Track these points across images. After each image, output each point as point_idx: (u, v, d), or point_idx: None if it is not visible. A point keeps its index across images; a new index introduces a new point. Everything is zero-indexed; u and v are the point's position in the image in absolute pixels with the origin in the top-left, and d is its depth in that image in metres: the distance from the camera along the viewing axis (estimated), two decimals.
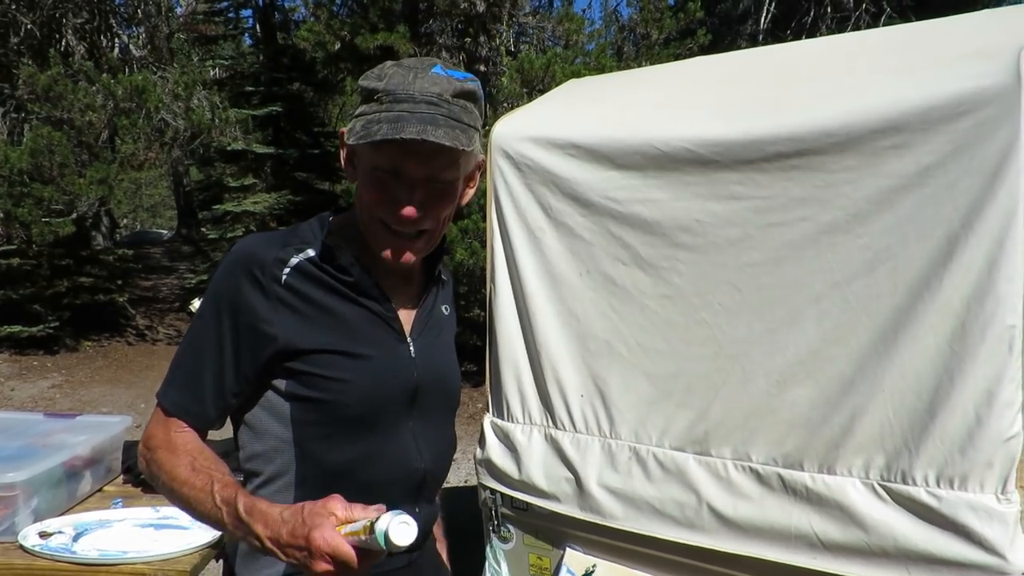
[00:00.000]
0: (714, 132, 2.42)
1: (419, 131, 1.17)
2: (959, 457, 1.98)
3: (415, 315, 1.38)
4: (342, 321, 1.28)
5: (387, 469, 1.28)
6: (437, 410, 1.38)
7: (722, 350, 2.42)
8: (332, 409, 1.26)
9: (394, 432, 1.30)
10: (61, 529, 2.11)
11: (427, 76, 1.23)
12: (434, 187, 1.27)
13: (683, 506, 2.42)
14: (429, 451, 1.35)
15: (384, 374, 1.29)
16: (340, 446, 1.26)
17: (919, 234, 2.07)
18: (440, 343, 1.42)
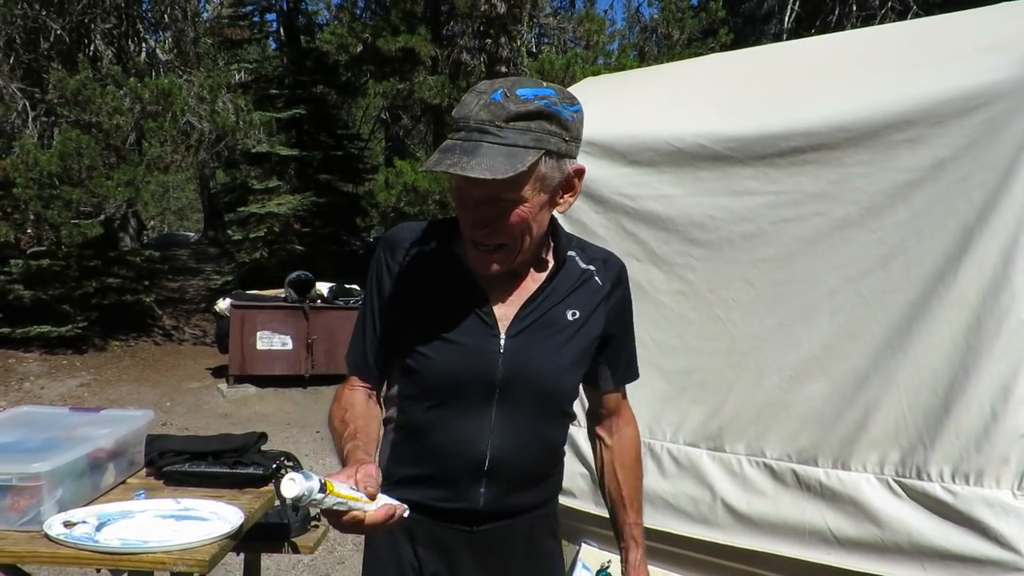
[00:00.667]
0: (728, 128, 2.42)
1: (451, 164, 1.24)
2: (975, 452, 1.96)
3: (517, 314, 1.44)
4: (442, 307, 1.43)
5: (453, 443, 1.42)
6: (525, 405, 1.43)
7: (736, 346, 2.42)
8: (417, 378, 1.44)
9: (470, 413, 1.42)
10: (85, 519, 2.15)
11: (486, 102, 1.28)
12: (498, 205, 1.32)
13: (697, 502, 2.42)
14: (502, 439, 1.42)
15: (466, 361, 1.41)
16: (422, 409, 1.44)
17: (933, 228, 2.06)
18: (548, 343, 1.45)
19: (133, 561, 1.99)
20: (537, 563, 1.56)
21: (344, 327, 8.64)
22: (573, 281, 1.50)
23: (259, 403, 8.05)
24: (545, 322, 1.45)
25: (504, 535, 1.49)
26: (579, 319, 1.48)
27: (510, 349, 1.41)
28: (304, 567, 4.04)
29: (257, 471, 2.54)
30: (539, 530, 1.55)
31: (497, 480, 1.43)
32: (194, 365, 9.87)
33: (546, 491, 1.56)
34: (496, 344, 1.41)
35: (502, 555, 1.50)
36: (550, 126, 1.30)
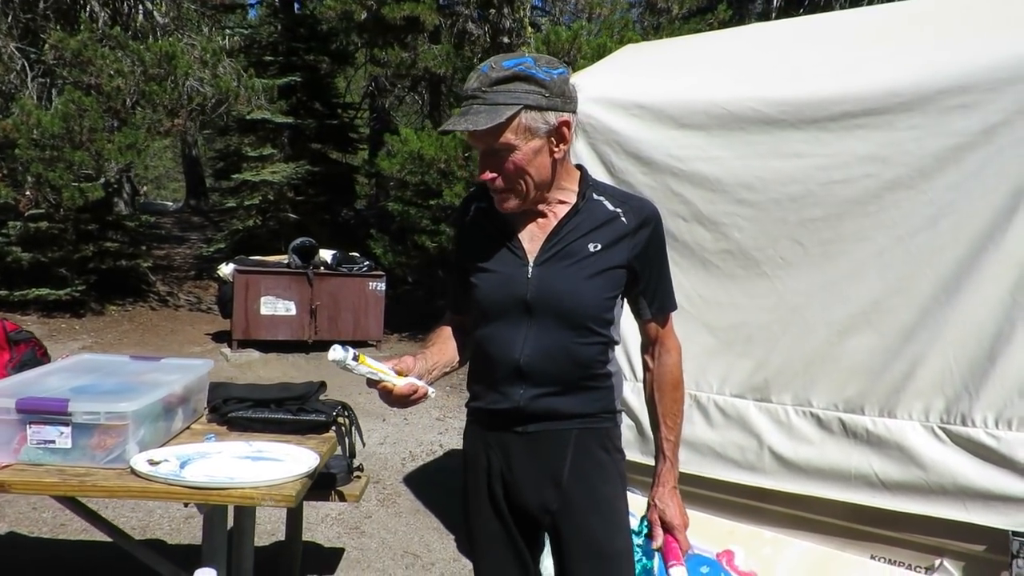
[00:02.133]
0: (780, 92, 2.52)
1: (453, 122, 1.63)
2: (1018, 400, 2.10)
3: (542, 246, 1.74)
4: (486, 247, 1.79)
5: (495, 351, 1.75)
6: (552, 321, 1.71)
7: (783, 302, 2.53)
8: (474, 303, 1.79)
9: (510, 329, 1.73)
10: (166, 458, 2.23)
11: (477, 75, 1.63)
12: (497, 155, 1.65)
13: (744, 450, 2.54)
14: (533, 348, 1.71)
15: (501, 286, 1.74)
16: (479, 329, 1.79)
17: (984, 189, 2.18)
18: (570, 270, 1.72)
19: (223, 496, 2.07)
20: (587, 469, 1.75)
21: (347, 294, 8.71)
22: (598, 221, 1.75)
23: (263, 367, 8.10)
24: (567, 252, 1.72)
25: (552, 438, 1.75)
26: (600, 250, 1.72)
27: (536, 275, 1.71)
28: (333, 520, 4.14)
29: (319, 418, 2.63)
30: (587, 439, 1.76)
31: (531, 382, 1.71)
32: (192, 330, 9.87)
33: (589, 404, 1.76)
34: (525, 272, 1.72)
35: (552, 457, 1.74)
36: (528, 86, 1.61)
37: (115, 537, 2.60)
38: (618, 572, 1.76)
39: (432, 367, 1.77)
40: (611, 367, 1.80)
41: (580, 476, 1.75)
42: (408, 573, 3.58)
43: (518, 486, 1.77)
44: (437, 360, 1.80)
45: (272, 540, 3.80)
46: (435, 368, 1.78)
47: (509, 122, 1.60)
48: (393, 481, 4.86)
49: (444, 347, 1.85)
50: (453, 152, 8.39)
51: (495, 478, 1.78)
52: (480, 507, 1.82)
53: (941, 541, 2.23)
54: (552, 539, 1.80)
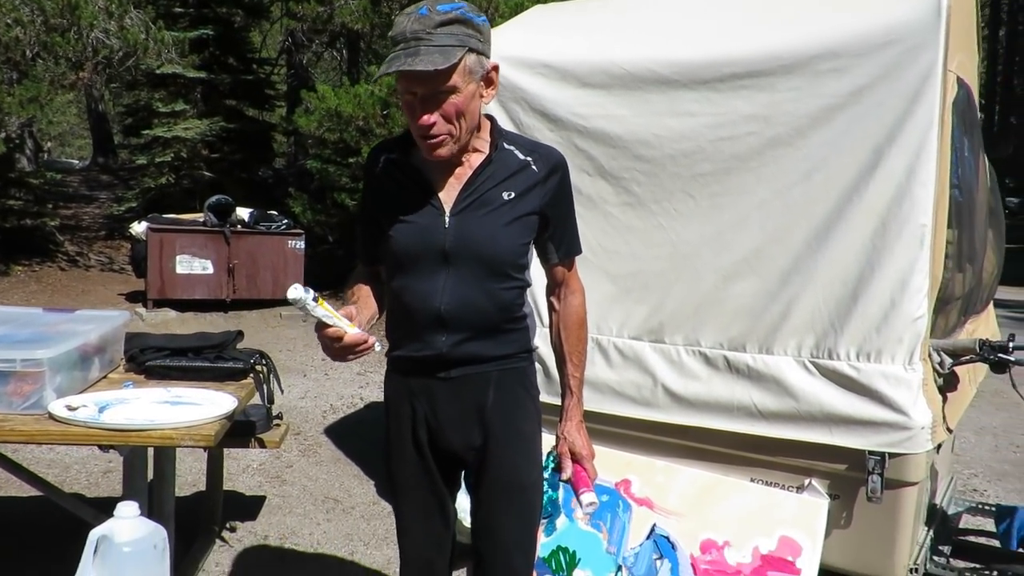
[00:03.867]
0: (676, 54, 2.69)
1: (401, 63, 1.59)
2: (875, 335, 2.35)
3: (457, 196, 1.78)
4: (401, 198, 1.80)
5: (414, 302, 1.78)
6: (472, 269, 1.76)
7: (676, 251, 2.73)
8: (390, 255, 1.81)
9: (427, 278, 1.76)
10: (84, 404, 2.29)
11: (416, 17, 1.62)
12: (437, 97, 1.65)
13: (640, 387, 2.75)
14: (452, 297, 1.75)
15: (417, 235, 1.77)
16: (396, 279, 1.82)
17: (850, 147, 2.40)
18: (485, 219, 1.77)
19: (142, 437, 2.16)
20: (508, 407, 1.85)
21: (266, 252, 8.65)
22: (511, 170, 1.81)
23: (180, 327, 8.01)
24: (482, 201, 1.77)
25: (474, 380, 1.81)
26: (513, 198, 1.80)
27: (453, 225, 1.75)
28: (254, 470, 4.23)
29: (237, 365, 2.72)
30: (507, 379, 1.86)
31: (452, 329, 1.77)
32: (104, 291, 9.66)
33: (508, 345, 1.85)
34: (442, 221, 1.76)
35: (473, 398, 1.82)
36: (468, 29, 1.65)
37: (35, 484, 2.64)
38: (531, 503, 1.89)
39: (368, 319, 1.81)
40: (526, 309, 1.89)
41: (502, 413, 1.84)
42: (329, 517, 3.72)
43: (443, 429, 1.83)
44: (367, 313, 1.83)
45: (194, 491, 3.87)
46: (369, 320, 1.82)
47: (460, 63, 1.63)
48: (314, 433, 4.96)
49: (368, 300, 1.87)
50: (371, 109, 8.37)
51: (419, 424, 1.84)
52: (403, 453, 1.87)
53: (810, 462, 2.49)
54: (472, 474, 1.89)
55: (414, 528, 1.92)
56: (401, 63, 1.58)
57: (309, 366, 6.66)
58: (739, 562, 2.49)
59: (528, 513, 1.90)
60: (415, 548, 1.93)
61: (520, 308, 1.87)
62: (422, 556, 1.92)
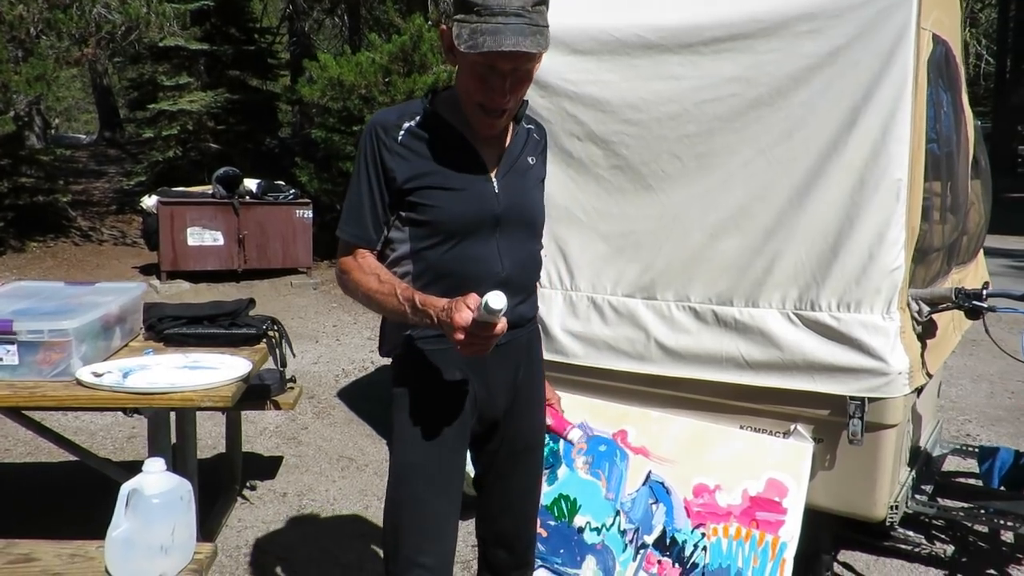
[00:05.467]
0: (661, 19, 2.77)
1: (514, 43, 1.53)
2: (855, 286, 2.47)
3: (500, 162, 1.79)
4: (439, 165, 1.72)
5: (476, 270, 1.73)
6: (518, 233, 1.80)
7: (665, 211, 2.83)
8: (432, 227, 1.73)
9: (483, 245, 1.75)
10: (109, 370, 2.45)
11: None
12: (517, 75, 1.64)
13: (634, 342, 2.88)
14: (510, 261, 1.78)
15: (471, 202, 1.73)
16: (443, 254, 1.73)
17: (829, 106, 2.49)
18: (524, 182, 1.83)
19: (165, 399, 2.31)
20: (534, 369, 1.96)
21: (274, 222, 8.79)
22: (525, 137, 1.91)
23: (194, 297, 8.20)
24: (519, 167, 1.84)
25: (515, 344, 1.83)
26: (536, 163, 1.92)
27: (502, 189, 1.77)
28: (271, 432, 4.41)
29: (251, 331, 2.87)
30: (534, 340, 1.96)
31: (511, 292, 1.66)
32: (119, 264, 9.84)
33: (535, 307, 1.95)
34: (491, 187, 1.76)
35: (514, 363, 1.85)
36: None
37: (66, 447, 2.82)
38: (540, 460, 2.02)
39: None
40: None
41: (529, 376, 1.91)
42: (344, 474, 3.89)
43: (492, 398, 1.83)
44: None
45: (214, 453, 4.06)
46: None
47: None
48: (327, 396, 5.14)
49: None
50: (373, 77, 8.43)
51: (469, 398, 1.79)
52: (439, 433, 1.77)
53: (795, 409, 2.61)
54: (486, 435, 1.89)
55: (440, 522, 1.80)
56: (512, 43, 1.52)
57: (321, 332, 6.83)
58: (729, 504, 2.64)
59: (537, 469, 2.02)
60: (442, 546, 1.81)
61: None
62: (444, 551, 1.82)
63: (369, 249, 1.79)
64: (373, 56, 8.61)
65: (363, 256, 1.78)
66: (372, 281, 1.73)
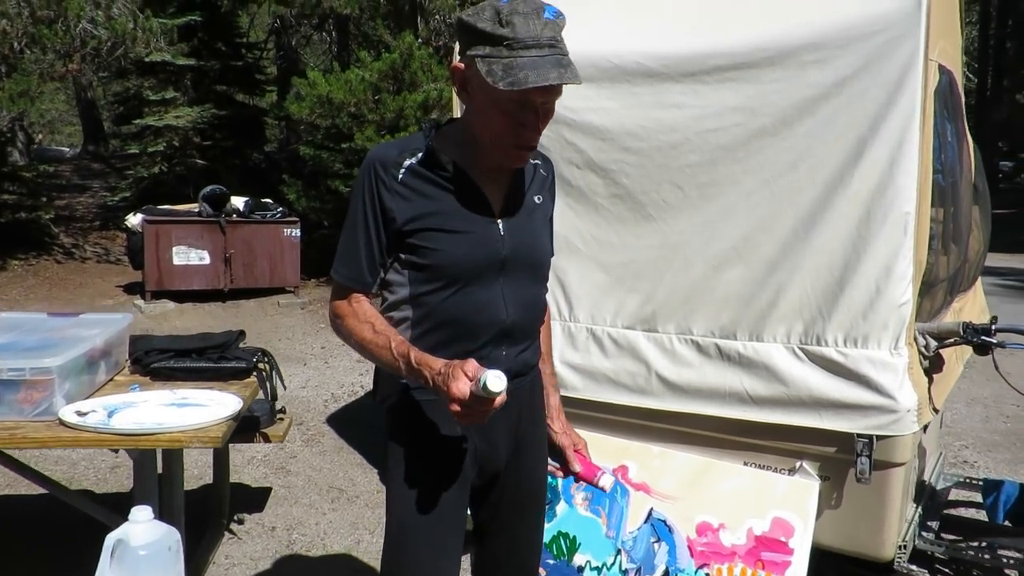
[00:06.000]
0: (662, 47, 2.72)
1: (558, 76, 1.45)
2: (862, 321, 2.41)
3: (504, 201, 1.70)
4: (442, 206, 1.63)
5: (479, 317, 1.65)
6: (524, 276, 1.71)
7: (666, 241, 2.78)
8: (433, 271, 1.63)
9: (487, 290, 1.65)
10: (94, 409, 2.35)
11: (542, 21, 1.49)
12: (546, 108, 1.57)
13: (635, 375, 2.81)
14: (514, 307, 1.68)
15: (476, 245, 1.64)
16: (444, 297, 1.64)
17: (835, 136, 2.45)
18: (531, 223, 1.74)
19: (151, 440, 2.22)
20: (535, 417, 1.87)
21: (262, 241, 8.69)
22: (531, 174, 1.82)
23: (179, 318, 8.08)
24: (525, 207, 1.75)
25: (517, 393, 1.69)
26: (541, 203, 1.82)
27: (507, 231, 1.68)
28: (259, 462, 4.31)
29: (240, 364, 2.78)
30: (535, 386, 1.87)
31: (514, 340, 1.70)
32: (102, 283, 9.69)
33: (538, 352, 1.87)
34: (496, 228, 1.67)
35: (516, 411, 1.74)
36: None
37: (46, 486, 2.71)
38: (543, 503, 1.92)
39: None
40: None
41: (531, 423, 1.82)
42: (334, 506, 3.80)
43: (492, 452, 1.74)
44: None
45: (201, 483, 3.95)
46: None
47: None
48: (316, 422, 5.04)
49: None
50: (363, 95, 8.37)
51: (471, 455, 1.70)
52: (448, 495, 1.68)
53: (801, 446, 2.55)
54: (487, 487, 1.80)
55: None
56: (556, 75, 1.44)
57: (309, 355, 6.73)
58: (734, 543, 2.57)
59: (540, 517, 1.93)
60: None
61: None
62: None
63: (364, 293, 1.71)
64: (363, 74, 8.55)
65: (358, 301, 1.69)
66: (366, 331, 1.65)
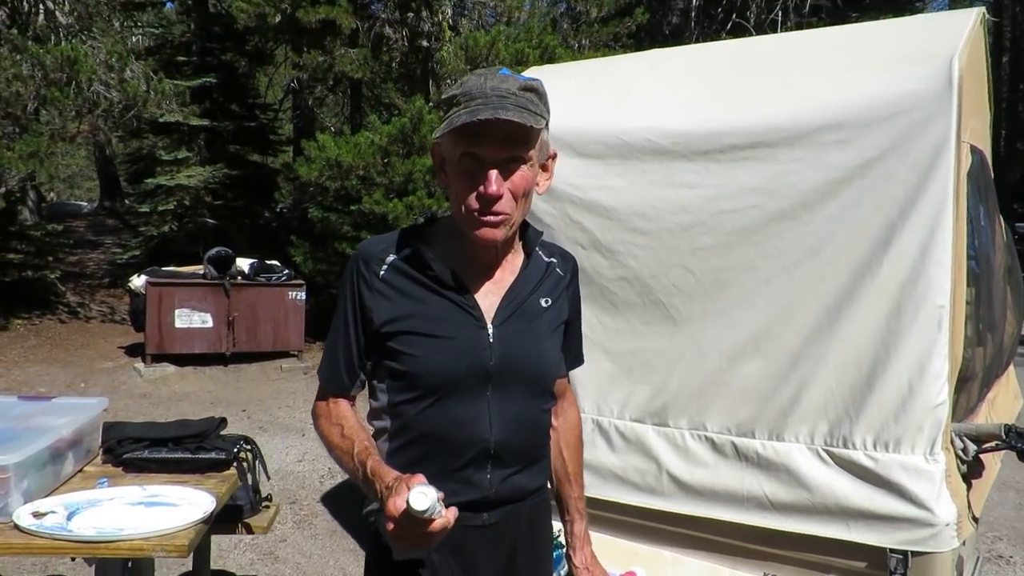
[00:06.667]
0: (673, 124, 2.58)
1: (492, 112, 1.34)
2: (893, 423, 2.20)
3: (499, 304, 1.52)
4: (425, 307, 1.49)
5: (459, 434, 1.47)
6: (516, 390, 1.52)
7: (678, 328, 2.60)
8: (411, 379, 1.48)
9: (469, 404, 1.48)
10: (53, 509, 2.15)
11: (496, 76, 1.42)
12: (509, 166, 1.41)
13: (644, 473, 2.60)
14: (503, 424, 1.50)
15: (459, 353, 1.47)
16: (420, 409, 1.48)
17: (860, 222, 2.27)
18: (530, 329, 1.55)
19: (111, 548, 2.01)
20: (537, 547, 1.65)
21: (266, 303, 8.55)
22: (541, 272, 1.63)
23: (179, 382, 7.90)
24: (524, 310, 1.55)
25: (511, 521, 1.55)
26: (551, 306, 1.61)
27: (498, 338, 1.49)
28: (246, 546, 4.08)
29: (219, 455, 2.58)
30: (538, 515, 1.64)
31: (501, 462, 1.51)
32: (104, 344, 9.55)
33: (543, 474, 1.65)
34: (485, 335, 1.49)
35: (508, 542, 1.55)
36: (543, 104, 1.45)
37: None
38: None
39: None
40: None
41: (531, 562, 1.62)
42: None
43: None
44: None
45: (182, 569, 3.71)
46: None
47: (540, 133, 1.43)
48: (310, 501, 4.81)
49: (375, 446, 1.49)
50: (372, 158, 8.32)
51: None
52: None
53: (827, 559, 2.32)
54: None
55: None
56: (489, 113, 1.33)
57: (308, 425, 6.50)
58: None
59: None
60: None
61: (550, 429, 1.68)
62: None
63: (343, 396, 1.58)
64: (372, 137, 8.52)
65: (335, 402, 1.58)
66: (335, 434, 1.52)
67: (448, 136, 1.43)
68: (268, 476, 2.97)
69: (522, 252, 1.61)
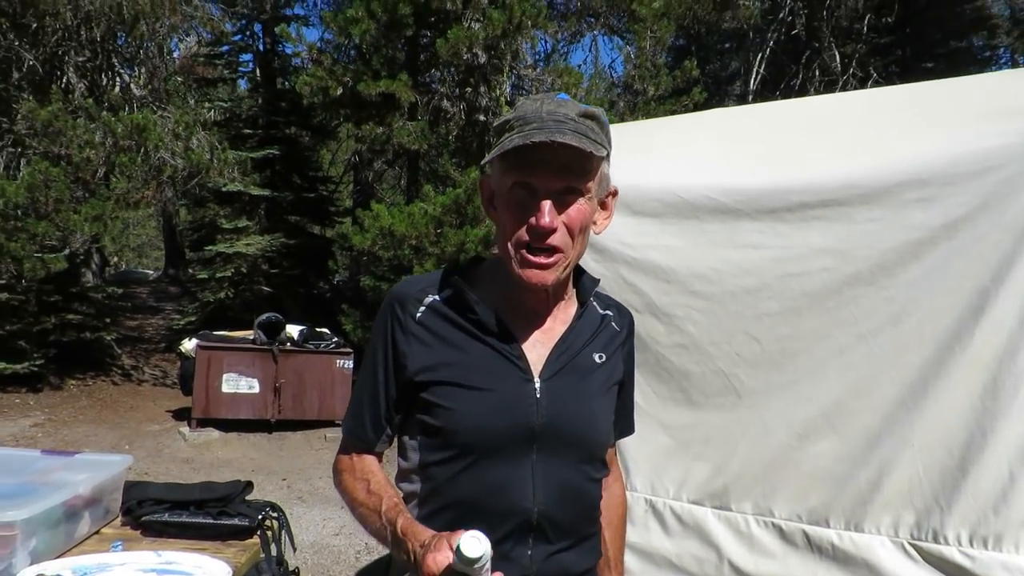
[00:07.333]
0: (736, 181, 2.42)
1: (547, 136, 1.21)
2: (992, 516, 1.93)
3: (548, 356, 1.37)
4: (465, 355, 1.34)
5: (496, 501, 1.30)
6: (565, 454, 1.35)
7: (741, 401, 2.38)
8: (446, 436, 1.32)
9: (510, 467, 1.31)
10: (60, 573, 2.02)
11: (554, 100, 1.30)
12: (565, 198, 1.27)
13: (702, 562, 2.35)
14: (548, 493, 1.32)
15: (500, 409, 1.31)
16: (455, 472, 1.32)
17: (947, 287, 2.05)
18: (582, 386, 1.38)
19: None
20: None
21: (313, 371, 8.48)
22: (595, 325, 1.47)
23: (222, 448, 7.80)
24: (576, 365, 1.39)
25: None
26: (606, 363, 1.44)
27: (546, 394, 1.33)
28: None
29: (243, 522, 2.42)
30: None
31: (545, 536, 1.33)
32: (154, 407, 9.57)
33: (592, 554, 1.45)
34: (531, 389, 1.33)
35: None
36: (603, 133, 1.31)
37: None
38: None
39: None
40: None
41: None
42: None
43: None
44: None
45: None
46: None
47: (600, 164, 1.29)
48: None
49: (403, 503, 1.36)
50: (425, 228, 8.32)
51: None
52: None
53: None
54: None
55: None
56: (544, 136, 1.20)
57: None
58: None
59: None
60: None
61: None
62: None
63: (367, 452, 1.44)
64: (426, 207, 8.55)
65: (360, 458, 1.43)
66: (360, 489, 1.37)
67: (498, 164, 1.29)
68: (295, 547, 2.78)
69: (576, 300, 1.45)
